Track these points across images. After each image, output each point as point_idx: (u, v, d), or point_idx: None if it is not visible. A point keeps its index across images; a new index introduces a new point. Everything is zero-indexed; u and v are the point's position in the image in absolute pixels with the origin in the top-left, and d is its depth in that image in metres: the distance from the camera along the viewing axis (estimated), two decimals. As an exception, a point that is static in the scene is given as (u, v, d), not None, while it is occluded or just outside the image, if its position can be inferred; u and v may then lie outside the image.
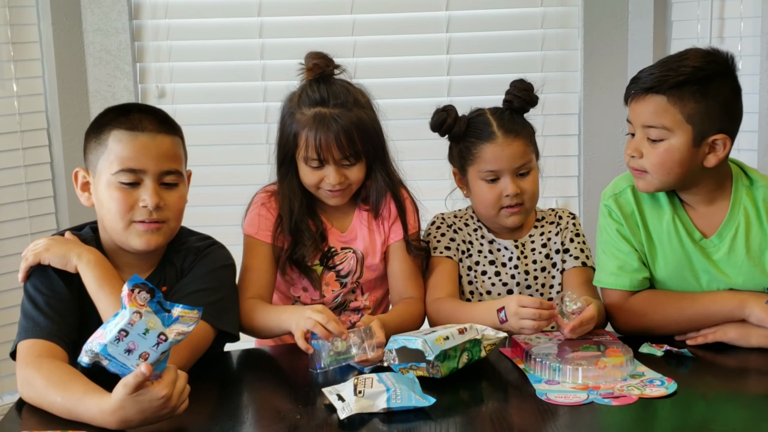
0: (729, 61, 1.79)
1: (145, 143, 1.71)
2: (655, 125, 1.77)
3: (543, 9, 3.06)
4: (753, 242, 1.82)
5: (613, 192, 1.94)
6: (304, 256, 1.99)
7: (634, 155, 1.81)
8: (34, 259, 1.72)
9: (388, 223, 2.04)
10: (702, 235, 1.85)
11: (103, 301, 1.67)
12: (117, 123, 1.72)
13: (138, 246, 1.73)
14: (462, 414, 1.55)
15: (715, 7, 2.78)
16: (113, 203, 1.70)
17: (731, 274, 1.83)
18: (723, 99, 1.77)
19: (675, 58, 1.80)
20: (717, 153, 1.78)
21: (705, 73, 1.75)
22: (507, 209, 2.02)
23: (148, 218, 1.71)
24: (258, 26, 3.05)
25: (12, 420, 1.55)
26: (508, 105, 2.08)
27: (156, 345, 1.41)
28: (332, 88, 1.95)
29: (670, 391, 1.58)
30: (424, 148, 3.08)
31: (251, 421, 1.59)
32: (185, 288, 1.77)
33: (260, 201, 2.03)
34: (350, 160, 1.95)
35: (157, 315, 1.43)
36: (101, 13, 3.00)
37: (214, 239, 1.88)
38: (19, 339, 1.66)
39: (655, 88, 1.76)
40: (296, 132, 1.94)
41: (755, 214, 1.82)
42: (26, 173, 2.91)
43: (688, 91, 1.74)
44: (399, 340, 1.66)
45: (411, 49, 3.08)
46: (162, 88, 3.07)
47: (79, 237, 1.79)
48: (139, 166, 1.70)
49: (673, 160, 1.77)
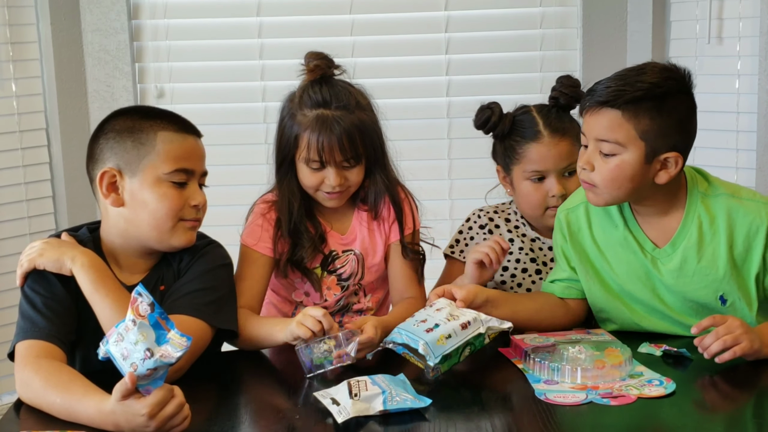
0: (686, 78, 1.77)
1: (193, 145, 1.79)
2: (608, 139, 1.75)
3: (542, 9, 3.06)
4: (706, 251, 1.81)
5: (566, 207, 1.95)
6: (303, 258, 1.98)
7: (586, 168, 1.79)
8: (29, 265, 1.72)
9: (388, 224, 2.04)
10: (654, 246, 1.84)
11: (99, 303, 1.67)
12: (161, 125, 1.75)
13: (180, 243, 1.77)
14: (459, 415, 1.55)
15: (714, 7, 2.77)
16: (165, 202, 1.73)
17: (683, 284, 1.83)
18: (678, 117, 1.75)
19: (632, 73, 1.75)
20: (668, 170, 1.76)
21: (661, 90, 1.72)
22: (553, 209, 2.01)
23: (195, 216, 1.77)
24: (257, 26, 3.05)
25: (10, 420, 1.55)
26: (554, 102, 2.06)
27: (142, 359, 1.38)
28: (334, 90, 1.94)
29: (668, 390, 1.58)
30: (424, 148, 3.11)
31: (250, 422, 1.59)
32: (183, 288, 1.77)
33: (260, 212, 2.01)
34: (351, 162, 1.94)
35: (154, 330, 1.40)
36: (100, 13, 3.00)
37: (211, 238, 1.88)
38: (17, 340, 1.66)
39: (610, 102, 1.73)
40: (297, 134, 1.93)
41: (709, 223, 1.81)
42: (25, 173, 2.91)
43: (643, 107, 1.72)
44: (403, 335, 1.65)
45: (410, 49, 3.08)
46: (161, 88, 3.07)
47: (75, 238, 1.78)
48: (191, 166, 1.77)
49: (624, 175, 1.75)
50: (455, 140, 3.10)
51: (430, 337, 1.63)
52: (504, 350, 1.81)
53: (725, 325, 1.67)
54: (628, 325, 1.89)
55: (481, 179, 2.21)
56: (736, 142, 2.76)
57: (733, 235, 1.79)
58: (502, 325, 1.71)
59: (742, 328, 1.67)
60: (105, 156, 1.75)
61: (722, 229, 1.80)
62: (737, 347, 1.65)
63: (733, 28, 2.75)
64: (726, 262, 1.80)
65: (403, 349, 1.66)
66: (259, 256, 1.97)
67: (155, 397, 1.40)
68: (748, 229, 1.79)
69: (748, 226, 1.79)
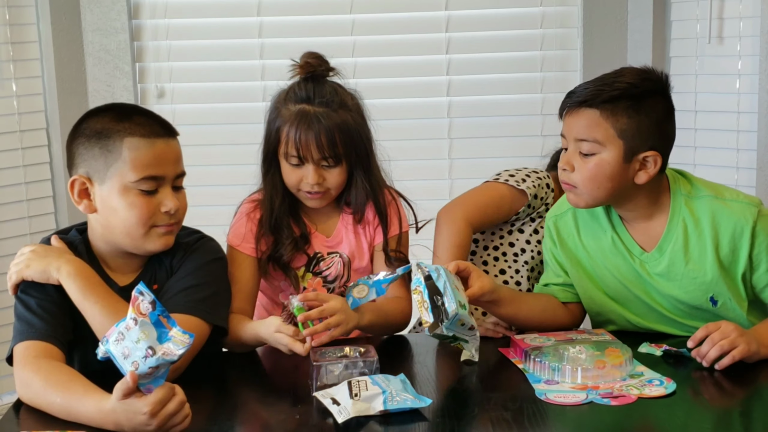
0: (663, 80, 1.80)
1: (162, 149, 1.72)
2: (587, 138, 1.77)
3: (542, 9, 3.06)
4: (692, 253, 1.81)
5: (554, 213, 1.97)
6: (283, 255, 1.97)
7: (566, 168, 1.80)
8: (17, 278, 1.71)
9: (372, 227, 2.02)
10: (642, 250, 1.85)
11: (88, 311, 1.67)
12: (128, 130, 1.70)
13: (156, 248, 1.74)
14: (460, 415, 1.55)
15: (715, 6, 2.77)
16: (134, 210, 1.69)
17: (673, 287, 1.83)
18: (656, 117, 1.77)
19: (611, 75, 1.80)
20: (648, 170, 1.78)
21: (639, 90, 1.76)
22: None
23: (167, 222, 1.73)
24: (257, 26, 3.05)
25: (10, 420, 1.55)
26: None
27: (144, 357, 1.38)
28: (320, 88, 1.93)
29: (669, 390, 1.58)
30: (424, 147, 3.10)
31: (250, 421, 1.59)
32: (177, 285, 1.76)
33: (245, 211, 2.00)
34: (329, 162, 1.92)
35: (156, 328, 1.40)
36: (100, 12, 3.00)
37: (203, 233, 1.87)
38: (15, 342, 1.65)
39: (588, 102, 1.76)
40: (279, 127, 1.93)
41: (694, 224, 1.81)
42: (25, 173, 2.91)
43: (621, 106, 1.75)
44: (447, 288, 1.65)
45: (410, 48, 3.07)
46: (161, 87, 3.06)
47: (65, 240, 1.77)
48: (160, 172, 1.71)
49: (604, 174, 1.77)
50: (455, 140, 3.09)
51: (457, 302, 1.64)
52: (504, 350, 1.81)
53: (719, 331, 1.68)
54: (627, 326, 1.90)
55: (481, 179, 2.20)
56: (736, 141, 2.76)
57: (719, 237, 1.80)
58: (473, 357, 1.71)
59: (737, 331, 1.68)
60: (77, 161, 1.73)
61: (707, 231, 1.80)
62: (735, 351, 1.65)
63: (734, 27, 2.75)
64: (713, 264, 1.80)
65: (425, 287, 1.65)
66: (244, 258, 1.96)
67: (157, 396, 1.40)
68: (733, 231, 1.79)
69: (733, 228, 1.79)
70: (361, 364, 1.64)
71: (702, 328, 1.71)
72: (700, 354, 1.68)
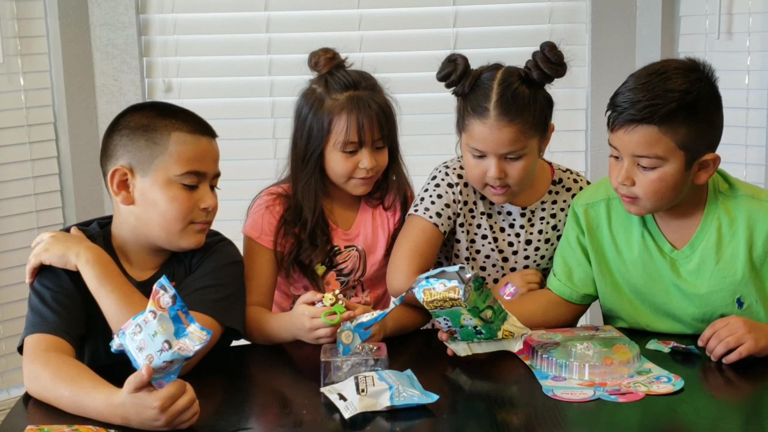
0: (710, 73, 1.74)
1: (206, 146, 1.77)
2: (648, 155, 1.71)
3: (550, 4, 3.05)
4: (725, 253, 1.79)
5: (585, 201, 1.92)
6: (312, 261, 1.97)
7: (626, 183, 1.75)
8: (35, 261, 1.72)
9: (394, 219, 2.03)
10: (673, 247, 1.83)
11: (104, 299, 1.67)
12: (175, 125, 1.73)
13: (189, 245, 1.76)
14: (467, 411, 1.55)
15: (724, 2, 2.76)
16: (175, 204, 1.71)
17: (699, 285, 1.81)
18: (710, 117, 1.73)
19: (657, 80, 1.70)
20: (708, 170, 1.76)
21: (692, 96, 1.68)
22: (492, 188, 1.91)
23: (204, 219, 1.75)
24: (265, 21, 3.05)
25: (18, 414, 1.55)
26: (525, 75, 1.91)
27: (160, 351, 1.39)
28: (355, 74, 1.96)
29: (677, 387, 1.58)
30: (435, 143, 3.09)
31: (256, 416, 1.59)
32: (193, 284, 1.76)
33: (265, 204, 1.99)
34: (382, 143, 1.96)
35: (174, 323, 1.41)
36: (108, 7, 3.00)
37: (223, 235, 1.88)
38: (27, 333, 1.66)
39: (646, 120, 1.69)
40: (330, 120, 1.93)
41: (729, 223, 1.79)
42: (33, 167, 2.91)
43: (679, 118, 1.68)
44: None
45: (418, 44, 3.07)
46: (169, 82, 3.07)
47: (85, 233, 1.78)
48: (203, 169, 1.74)
49: (667, 186, 1.73)
50: (463, 135, 3.09)
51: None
52: (511, 346, 1.81)
53: (727, 327, 1.67)
54: (637, 325, 1.89)
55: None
56: (745, 137, 2.75)
57: (753, 237, 1.78)
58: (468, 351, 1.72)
59: (746, 327, 1.67)
60: (118, 153, 1.74)
61: (742, 230, 1.78)
62: (742, 347, 1.65)
63: (743, 23, 2.74)
64: (744, 264, 1.78)
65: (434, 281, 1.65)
66: (264, 251, 1.96)
67: (168, 391, 1.41)
68: None
69: None
70: (372, 362, 1.64)
71: (709, 326, 1.71)
72: (708, 349, 1.68)
